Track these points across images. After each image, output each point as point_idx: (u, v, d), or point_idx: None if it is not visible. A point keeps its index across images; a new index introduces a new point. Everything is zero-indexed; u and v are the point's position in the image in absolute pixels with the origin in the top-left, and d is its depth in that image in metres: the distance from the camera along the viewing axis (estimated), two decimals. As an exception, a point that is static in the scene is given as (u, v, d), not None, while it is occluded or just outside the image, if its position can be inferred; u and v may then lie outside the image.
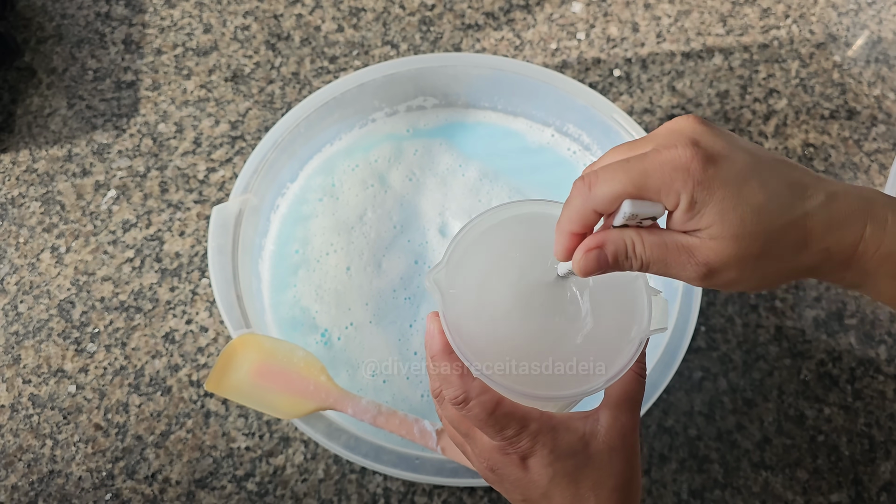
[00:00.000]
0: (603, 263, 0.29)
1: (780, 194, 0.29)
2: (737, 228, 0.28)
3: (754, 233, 0.28)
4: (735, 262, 0.28)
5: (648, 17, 0.74)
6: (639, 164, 0.28)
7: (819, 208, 0.29)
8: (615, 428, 0.34)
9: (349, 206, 0.61)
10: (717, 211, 0.27)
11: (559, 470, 0.33)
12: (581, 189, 0.29)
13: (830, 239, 0.29)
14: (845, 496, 0.54)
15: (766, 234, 0.28)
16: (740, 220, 0.28)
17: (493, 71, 0.61)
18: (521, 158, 0.64)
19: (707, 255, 0.28)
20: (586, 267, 0.29)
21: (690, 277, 0.29)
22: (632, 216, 0.28)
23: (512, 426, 0.32)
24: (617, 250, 0.29)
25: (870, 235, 0.30)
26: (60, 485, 0.53)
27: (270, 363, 0.50)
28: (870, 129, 0.69)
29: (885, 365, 0.58)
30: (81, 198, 0.63)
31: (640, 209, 0.28)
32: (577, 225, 0.29)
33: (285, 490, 0.53)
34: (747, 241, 0.28)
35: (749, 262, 0.28)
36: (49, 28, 0.72)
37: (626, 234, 0.29)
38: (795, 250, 0.29)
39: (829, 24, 0.74)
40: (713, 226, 0.28)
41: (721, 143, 0.29)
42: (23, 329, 0.58)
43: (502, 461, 0.34)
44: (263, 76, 0.70)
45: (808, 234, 0.29)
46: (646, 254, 0.29)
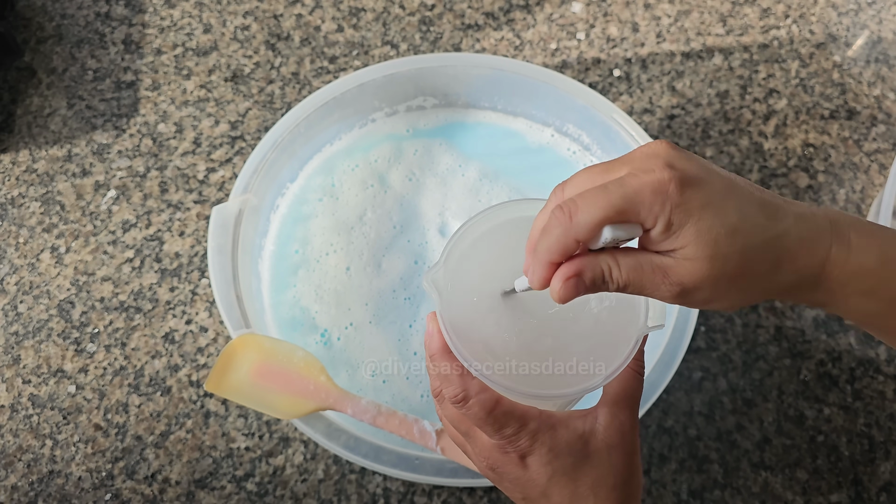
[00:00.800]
0: (581, 289, 0.29)
1: (754, 216, 0.29)
2: (711, 249, 0.28)
3: (728, 254, 0.28)
4: (709, 282, 0.29)
5: (648, 17, 0.74)
6: (618, 188, 0.28)
7: (790, 228, 0.30)
8: (613, 426, 0.34)
9: (349, 206, 0.61)
10: (693, 232, 0.28)
11: (558, 468, 0.33)
12: (561, 219, 0.29)
13: (800, 259, 0.30)
14: (845, 496, 0.54)
15: (740, 255, 0.29)
16: (714, 242, 0.28)
17: (493, 71, 0.61)
18: (521, 158, 0.64)
19: (681, 276, 0.29)
20: (565, 294, 0.29)
21: (665, 296, 0.30)
22: (611, 241, 0.28)
23: (511, 425, 0.33)
24: (594, 277, 0.29)
25: (835, 255, 0.31)
26: (60, 485, 0.53)
27: (270, 363, 0.50)
28: (870, 129, 0.69)
29: (885, 365, 0.58)
30: (81, 198, 0.63)
31: (620, 233, 0.28)
32: (557, 255, 0.29)
33: (285, 490, 0.53)
34: (721, 261, 0.28)
35: (722, 282, 0.29)
36: (49, 28, 0.72)
37: (603, 260, 0.29)
38: (769, 271, 0.30)
39: (829, 24, 0.74)
40: (688, 246, 0.28)
41: (696, 166, 0.29)
42: (23, 329, 0.58)
43: (502, 460, 0.34)
44: (263, 76, 0.70)
45: (780, 254, 0.30)
46: (622, 277, 0.29)
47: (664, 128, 0.68)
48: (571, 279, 0.29)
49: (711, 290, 0.29)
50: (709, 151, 0.67)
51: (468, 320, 0.33)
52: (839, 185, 0.66)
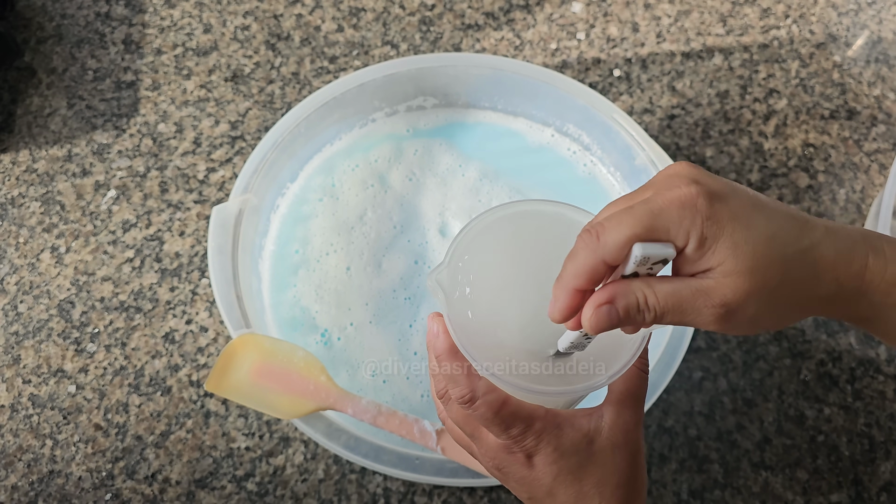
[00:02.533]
0: (614, 320, 0.28)
1: (787, 226, 0.28)
2: (750, 261, 0.27)
3: (768, 265, 0.27)
4: (752, 297, 0.27)
5: (648, 17, 0.74)
6: (644, 207, 0.27)
7: (823, 239, 0.29)
8: (618, 425, 0.34)
9: (349, 206, 0.61)
10: (729, 245, 0.27)
11: (563, 467, 0.33)
12: (588, 240, 0.27)
13: (839, 269, 0.29)
14: (845, 496, 0.54)
15: (779, 265, 0.28)
16: (752, 253, 0.27)
17: (493, 71, 0.61)
18: (521, 158, 0.64)
19: (724, 295, 0.27)
20: (598, 323, 0.28)
21: (708, 321, 0.28)
22: (643, 260, 0.27)
23: (517, 425, 0.32)
24: (629, 304, 0.28)
25: (873, 264, 0.30)
26: (60, 485, 0.53)
27: (270, 363, 0.50)
28: (870, 129, 0.69)
29: (885, 365, 0.58)
30: (81, 198, 0.63)
31: (652, 251, 0.27)
32: (585, 280, 0.28)
33: (285, 490, 0.53)
34: (762, 273, 0.27)
35: (765, 295, 0.28)
36: (49, 28, 0.72)
37: (637, 286, 0.28)
38: (809, 281, 0.29)
39: (829, 24, 0.74)
40: (726, 261, 0.27)
41: (719, 182, 0.28)
42: (23, 329, 0.58)
43: (508, 460, 0.34)
44: (263, 76, 0.70)
45: (818, 264, 0.29)
46: (659, 305, 0.28)
47: (664, 128, 0.68)
48: (604, 306, 0.27)
49: (756, 306, 0.28)
50: (709, 151, 0.67)
51: (473, 320, 0.33)
52: (839, 185, 0.66)
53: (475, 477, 0.47)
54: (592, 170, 0.63)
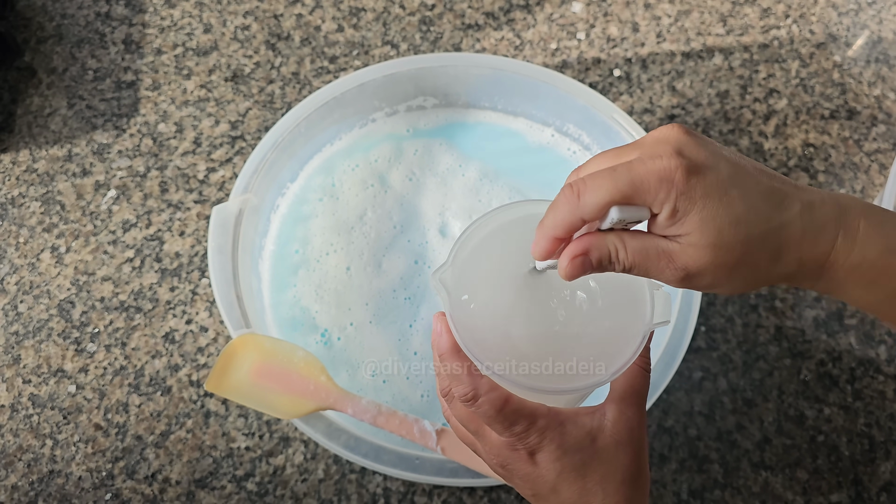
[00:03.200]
0: (587, 268, 0.30)
1: (759, 205, 0.30)
2: (714, 238, 0.29)
3: (731, 243, 0.29)
4: (711, 269, 0.30)
5: (648, 17, 0.74)
6: (625, 172, 0.29)
7: (795, 218, 0.30)
8: (621, 422, 0.34)
9: (349, 206, 0.61)
10: (698, 220, 0.29)
11: (567, 465, 0.33)
12: (569, 197, 0.30)
13: (804, 249, 0.31)
14: (845, 496, 0.54)
15: (742, 245, 0.29)
16: (718, 231, 0.29)
17: (493, 71, 0.61)
18: (521, 158, 0.64)
19: (685, 261, 0.30)
20: (572, 272, 0.30)
21: (669, 280, 0.31)
22: (618, 222, 0.29)
23: (520, 422, 0.33)
24: (601, 256, 0.30)
25: (840, 245, 0.31)
26: (60, 485, 0.53)
27: (270, 363, 0.50)
28: (870, 129, 0.69)
29: (885, 365, 0.58)
30: (81, 198, 0.63)
31: (627, 215, 0.29)
32: (563, 231, 0.30)
33: (285, 490, 0.53)
34: (724, 250, 0.29)
35: (724, 269, 0.30)
36: (49, 28, 0.72)
37: (610, 240, 0.30)
38: (770, 260, 0.30)
39: (829, 24, 0.74)
40: (692, 233, 0.29)
41: (704, 153, 0.30)
42: (23, 329, 0.58)
43: (512, 457, 0.34)
44: (263, 76, 0.70)
45: (783, 244, 0.30)
46: (628, 259, 0.30)
47: (664, 128, 0.68)
48: (578, 258, 0.30)
49: (713, 277, 0.30)
50: (709, 151, 0.67)
51: (476, 319, 0.33)
52: (839, 185, 0.66)
53: (475, 477, 0.47)
54: (592, 170, 0.63)
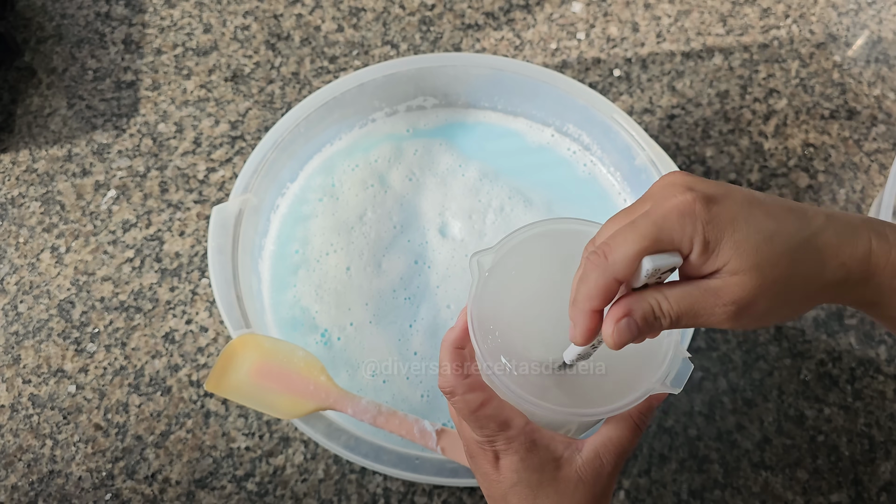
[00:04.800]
0: (634, 330, 0.28)
1: (787, 219, 0.29)
2: (754, 258, 0.28)
3: (772, 258, 0.28)
4: (761, 292, 0.28)
5: (648, 17, 0.74)
6: (645, 220, 0.28)
7: (825, 226, 0.30)
8: (592, 464, 0.34)
9: (349, 206, 0.61)
10: (731, 245, 0.28)
11: (523, 479, 0.34)
12: (597, 261, 0.28)
13: (845, 253, 0.30)
14: (845, 496, 0.54)
15: (784, 257, 0.28)
16: (755, 250, 0.28)
17: (493, 71, 0.61)
18: (521, 158, 0.64)
19: (733, 293, 0.28)
20: (619, 338, 0.28)
21: (721, 320, 0.29)
22: (653, 272, 0.28)
23: (490, 426, 0.33)
24: (645, 312, 0.28)
25: (877, 247, 0.30)
26: (60, 485, 0.53)
27: (270, 363, 0.50)
28: (870, 129, 0.69)
29: (885, 365, 0.58)
30: (81, 198, 0.63)
31: (661, 262, 0.28)
32: (599, 300, 0.28)
33: (285, 490, 0.53)
34: (768, 268, 0.28)
35: (774, 289, 0.28)
36: (49, 28, 0.72)
37: (649, 295, 0.29)
38: (816, 269, 0.29)
39: (829, 24, 0.74)
40: (731, 261, 0.28)
41: (713, 186, 0.29)
42: (23, 329, 0.58)
43: (479, 453, 0.35)
44: (263, 76, 0.70)
45: (823, 251, 0.29)
46: (673, 309, 0.28)
47: (664, 128, 0.68)
48: (623, 319, 0.28)
49: (767, 301, 0.28)
50: (709, 151, 0.67)
51: (497, 310, 0.33)
52: (839, 185, 0.66)
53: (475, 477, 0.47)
54: (592, 170, 0.63)
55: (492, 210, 0.61)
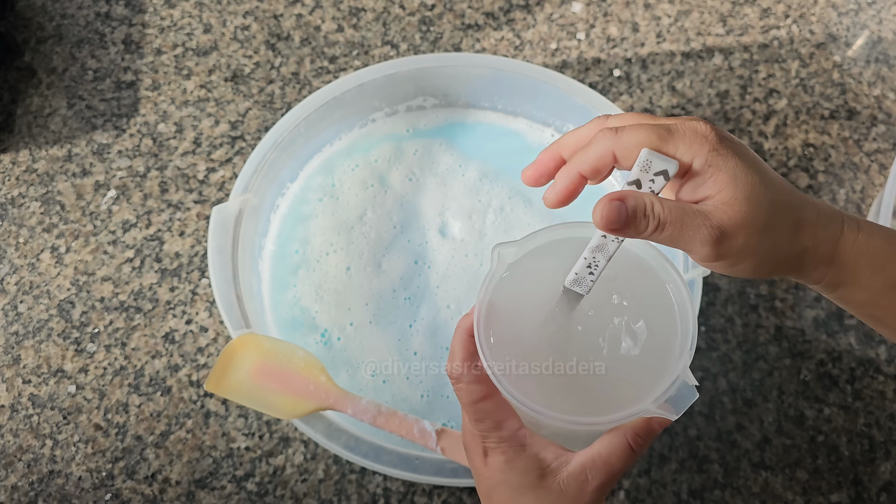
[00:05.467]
0: (622, 215, 0.30)
1: (780, 183, 0.32)
2: (747, 192, 0.30)
3: (761, 201, 0.30)
4: (744, 227, 0.30)
5: (648, 17, 0.74)
6: (663, 123, 0.31)
7: (808, 204, 0.33)
8: (576, 478, 0.33)
9: (349, 206, 0.61)
10: (730, 176, 0.30)
11: (507, 480, 0.34)
12: (607, 133, 0.31)
13: (819, 229, 0.32)
14: (845, 496, 0.54)
15: (770, 206, 0.30)
16: (750, 186, 0.30)
17: (493, 71, 0.61)
18: (521, 158, 0.64)
19: (720, 218, 0.30)
20: (607, 215, 0.30)
21: (703, 243, 0.30)
22: (645, 165, 0.29)
23: (486, 422, 0.34)
24: (637, 205, 0.30)
25: (847, 232, 0.33)
26: (60, 485, 0.53)
27: (270, 363, 0.50)
28: (870, 129, 0.69)
29: (885, 365, 0.58)
30: (81, 198, 0.63)
31: (657, 159, 0.29)
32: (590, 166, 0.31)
33: (285, 490, 0.53)
34: (756, 206, 0.30)
35: (754, 228, 0.30)
36: (49, 28, 0.72)
37: (647, 196, 0.30)
38: (792, 230, 0.32)
39: (829, 24, 0.74)
40: (725, 189, 0.30)
41: (732, 136, 0.32)
42: (23, 329, 0.58)
43: (471, 444, 0.35)
44: (263, 76, 0.70)
45: (802, 218, 0.32)
46: (664, 213, 0.30)
47: (664, 128, 0.68)
48: (615, 201, 0.30)
49: (745, 237, 0.30)
50: (709, 151, 0.67)
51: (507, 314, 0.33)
52: (839, 185, 0.66)
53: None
54: (592, 170, 0.63)
55: (492, 210, 0.61)
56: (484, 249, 0.60)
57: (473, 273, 0.59)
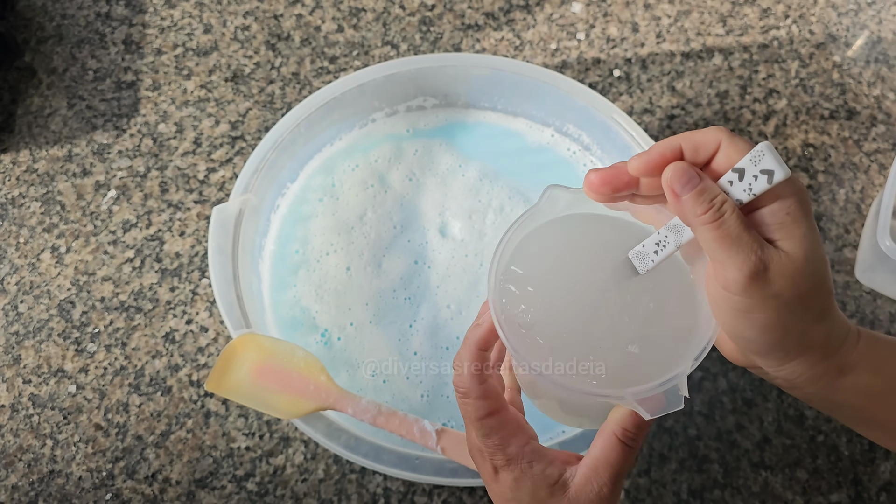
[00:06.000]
0: (687, 185, 0.28)
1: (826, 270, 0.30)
2: (808, 251, 0.28)
3: (811, 269, 0.29)
4: (788, 279, 0.28)
5: (648, 18, 0.74)
6: None
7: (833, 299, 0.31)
8: (585, 489, 0.33)
9: (349, 206, 0.61)
10: (802, 232, 0.29)
11: (517, 499, 0.34)
12: (724, 129, 0.29)
13: (836, 323, 0.31)
14: (845, 496, 0.54)
15: (814, 277, 0.29)
16: (812, 246, 0.29)
17: (493, 71, 0.61)
18: (521, 158, 0.64)
19: (772, 257, 0.28)
20: (674, 176, 0.28)
21: (741, 266, 0.28)
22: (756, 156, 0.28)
23: (493, 439, 0.33)
24: (706, 188, 0.28)
25: (852, 332, 0.32)
26: (60, 485, 0.53)
27: (270, 363, 0.50)
28: (870, 129, 0.69)
29: (885, 365, 0.58)
30: (81, 198, 0.64)
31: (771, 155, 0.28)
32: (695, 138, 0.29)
33: (285, 490, 0.53)
34: (808, 273, 0.29)
35: (795, 291, 0.29)
36: (49, 28, 0.72)
37: (725, 195, 0.29)
38: (819, 315, 0.30)
39: (829, 24, 0.74)
40: (794, 239, 0.28)
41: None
42: (23, 329, 0.58)
43: (479, 460, 0.35)
44: (263, 76, 0.70)
45: (830, 308, 0.31)
46: (725, 214, 0.28)
47: (664, 128, 0.68)
48: (691, 170, 0.28)
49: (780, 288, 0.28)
50: (709, 151, 0.67)
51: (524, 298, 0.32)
52: (839, 185, 0.66)
53: (475, 477, 0.47)
54: (592, 170, 0.63)
55: (492, 210, 0.61)
56: (484, 249, 0.60)
57: (474, 273, 0.59)
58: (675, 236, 0.31)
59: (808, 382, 0.32)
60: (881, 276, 0.59)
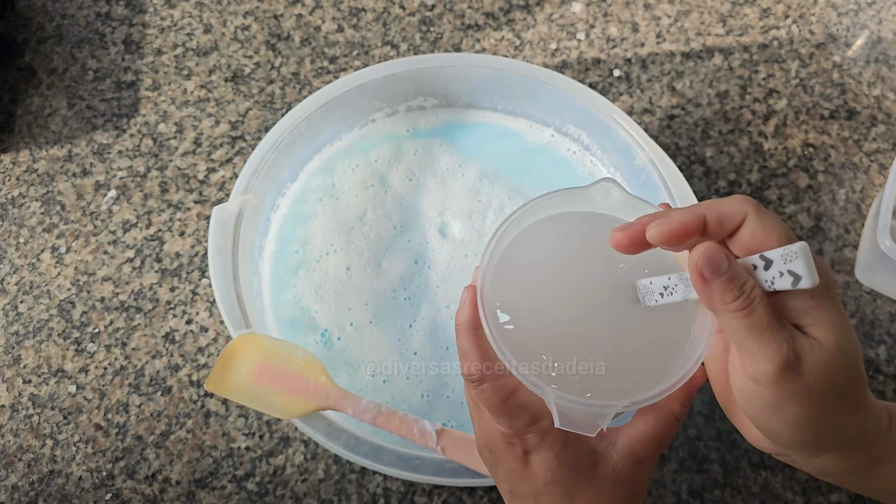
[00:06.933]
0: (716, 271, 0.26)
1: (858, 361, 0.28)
2: (842, 340, 0.27)
3: (844, 360, 0.27)
4: (820, 370, 0.26)
5: (648, 18, 0.74)
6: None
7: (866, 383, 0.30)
8: (630, 458, 0.32)
9: (349, 206, 0.61)
10: (833, 319, 0.27)
11: (559, 477, 0.32)
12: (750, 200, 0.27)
13: (872, 411, 0.29)
14: (845, 496, 0.54)
15: (848, 368, 0.27)
16: (846, 334, 0.27)
17: (493, 71, 0.61)
18: (521, 158, 0.64)
19: (802, 348, 0.26)
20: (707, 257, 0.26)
21: (772, 357, 0.26)
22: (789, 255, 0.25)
23: (522, 418, 0.31)
24: (737, 273, 0.26)
25: (884, 422, 0.30)
26: (60, 485, 0.53)
27: (270, 363, 0.50)
28: (870, 129, 0.69)
29: (885, 365, 0.58)
30: (81, 198, 0.64)
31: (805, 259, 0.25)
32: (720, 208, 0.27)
33: (285, 490, 0.53)
34: (841, 358, 0.27)
35: (828, 384, 0.27)
36: (49, 28, 0.72)
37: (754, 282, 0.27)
38: (853, 406, 0.28)
39: (829, 24, 0.74)
40: (825, 326, 0.27)
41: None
42: (23, 329, 0.58)
43: (504, 448, 0.33)
44: (263, 76, 0.70)
45: (864, 396, 0.29)
46: (754, 303, 0.26)
47: (664, 128, 0.68)
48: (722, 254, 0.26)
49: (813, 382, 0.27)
50: (709, 151, 0.67)
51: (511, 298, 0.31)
52: (839, 185, 0.66)
53: (475, 477, 0.47)
54: (592, 170, 0.63)
55: (492, 210, 0.61)
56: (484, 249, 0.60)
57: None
58: (685, 289, 0.29)
59: (843, 474, 0.31)
60: (881, 276, 0.59)
